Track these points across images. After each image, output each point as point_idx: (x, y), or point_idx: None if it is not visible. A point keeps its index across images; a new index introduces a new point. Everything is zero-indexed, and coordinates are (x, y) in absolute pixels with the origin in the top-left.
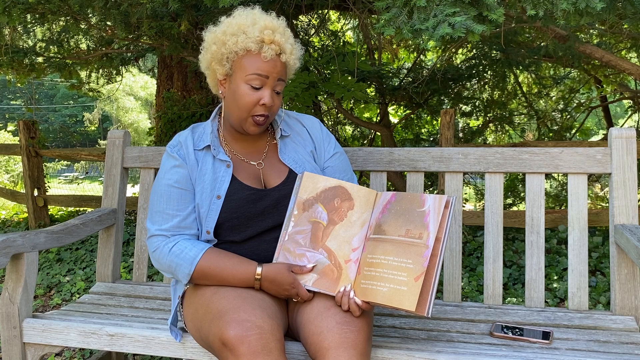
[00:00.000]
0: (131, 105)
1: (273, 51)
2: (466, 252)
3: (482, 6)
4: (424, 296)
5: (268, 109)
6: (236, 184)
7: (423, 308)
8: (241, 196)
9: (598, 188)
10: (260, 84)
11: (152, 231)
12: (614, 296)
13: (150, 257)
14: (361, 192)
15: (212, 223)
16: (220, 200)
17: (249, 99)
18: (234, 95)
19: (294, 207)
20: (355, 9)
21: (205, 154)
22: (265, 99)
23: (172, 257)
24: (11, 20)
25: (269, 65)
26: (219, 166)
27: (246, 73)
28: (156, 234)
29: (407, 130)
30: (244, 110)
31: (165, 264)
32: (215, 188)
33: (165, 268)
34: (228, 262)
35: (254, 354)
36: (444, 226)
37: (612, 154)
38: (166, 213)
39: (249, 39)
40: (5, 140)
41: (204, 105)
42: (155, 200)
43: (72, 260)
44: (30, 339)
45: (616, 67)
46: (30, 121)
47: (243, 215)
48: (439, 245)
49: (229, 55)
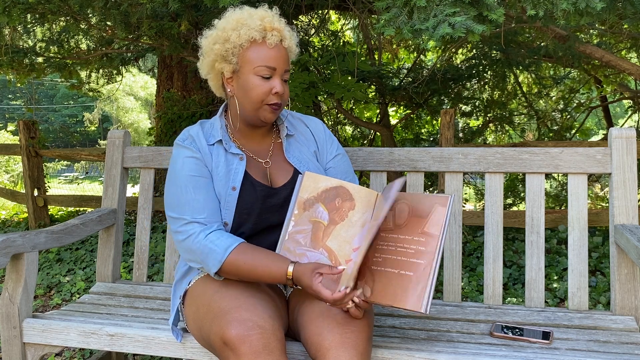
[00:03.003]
0: (131, 105)
1: (276, 37)
2: (466, 252)
3: (482, 6)
4: (420, 293)
5: (280, 96)
6: (249, 179)
7: (418, 304)
8: (254, 191)
9: (598, 188)
10: (269, 73)
11: (188, 219)
12: (614, 296)
13: (177, 246)
14: (362, 192)
15: (230, 215)
16: (236, 192)
17: (261, 89)
18: (244, 89)
19: (295, 206)
20: (355, 9)
21: (217, 147)
22: (277, 87)
23: (207, 242)
24: (11, 20)
25: (275, 53)
26: (231, 159)
27: (254, 65)
28: (192, 221)
29: (407, 130)
30: (257, 101)
31: (198, 249)
32: (230, 180)
33: (195, 256)
34: (262, 256)
35: (255, 353)
36: (442, 224)
37: (612, 154)
38: (197, 201)
39: (252, 29)
40: (5, 140)
41: (204, 105)
42: (179, 192)
43: (72, 260)
44: (30, 339)
45: (616, 67)
46: (30, 121)
47: (254, 210)
48: (437, 242)
49: (234, 50)
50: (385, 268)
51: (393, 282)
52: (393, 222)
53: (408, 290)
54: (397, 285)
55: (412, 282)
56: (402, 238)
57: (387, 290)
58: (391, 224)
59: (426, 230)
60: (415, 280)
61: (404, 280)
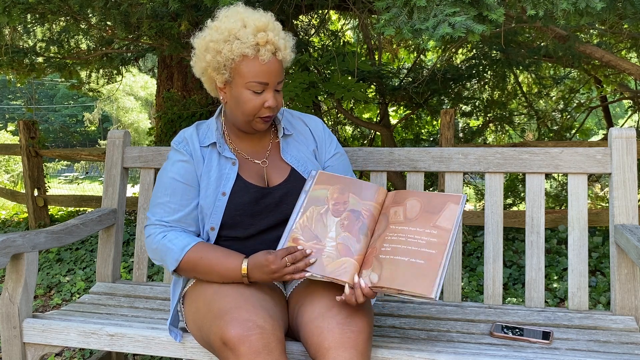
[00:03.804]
0: (131, 105)
1: (269, 52)
2: (466, 252)
3: (482, 6)
4: (431, 279)
5: (272, 109)
6: (240, 182)
7: (429, 290)
8: (245, 194)
9: (598, 188)
10: (261, 88)
11: (152, 220)
12: (614, 296)
13: (145, 244)
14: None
15: (218, 220)
16: (225, 197)
17: (253, 104)
18: (237, 101)
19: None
20: (355, 9)
21: (210, 150)
22: (269, 101)
23: (165, 241)
24: (11, 20)
25: (267, 69)
26: (224, 163)
27: (246, 80)
28: (156, 224)
29: (407, 130)
30: (249, 115)
31: (157, 248)
32: (221, 185)
33: (155, 254)
34: (219, 254)
35: (255, 353)
36: (454, 219)
37: (612, 154)
38: (169, 206)
39: (244, 44)
40: (5, 140)
41: (204, 105)
42: (159, 191)
43: (72, 260)
44: (30, 339)
45: (616, 67)
46: (30, 121)
47: (246, 213)
48: (449, 234)
49: (226, 63)
50: (394, 256)
51: (403, 269)
52: (404, 215)
53: (418, 277)
54: (407, 272)
55: (422, 269)
56: (413, 230)
57: (397, 276)
58: (402, 218)
59: (438, 224)
60: (426, 267)
61: (414, 267)
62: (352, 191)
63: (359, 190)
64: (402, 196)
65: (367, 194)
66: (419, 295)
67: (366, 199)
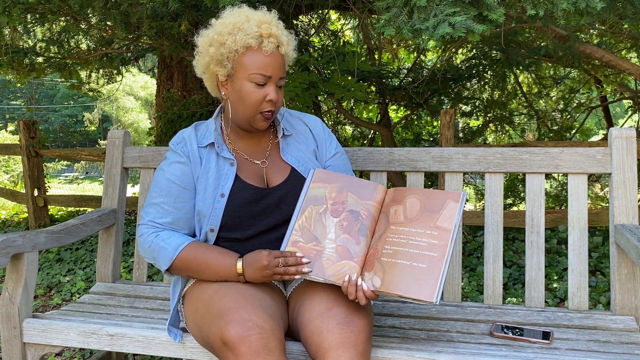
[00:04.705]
0: (131, 105)
1: (273, 44)
2: (466, 252)
3: (482, 6)
4: (433, 284)
5: (274, 104)
6: (239, 183)
7: (432, 295)
8: (244, 195)
9: (598, 188)
10: (264, 80)
11: (145, 220)
12: (614, 296)
13: (137, 243)
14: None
15: (217, 221)
16: (224, 198)
17: (255, 96)
18: (239, 94)
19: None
20: (355, 9)
21: (209, 151)
22: (271, 94)
23: (158, 240)
24: (11, 20)
25: (270, 61)
26: (222, 164)
27: (249, 72)
28: (148, 224)
29: (407, 130)
30: (251, 108)
31: (150, 247)
32: (219, 186)
33: (148, 253)
34: (213, 252)
35: (255, 353)
36: (455, 218)
37: (612, 154)
38: (162, 208)
39: (248, 35)
40: (5, 140)
41: (204, 105)
42: (154, 191)
43: (72, 260)
44: (30, 339)
45: (616, 67)
46: (30, 121)
47: (245, 214)
48: (449, 235)
49: (229, 55)
50: (396, 260)
51: (405, 274)
52: (404, 215)
53: (421, 282)
54: (410, 277)
55: (425, 274)
56: (413, 231)
57: (399, 281)
58: (402, 218)
59: (439, 225)
60: (428, 272)
61: (416, 271)
62: (351, 190)
63: (358, 189)
64: (401, 194)
65: (365, 192)
66: (422, 301)
67: (365, 198)
